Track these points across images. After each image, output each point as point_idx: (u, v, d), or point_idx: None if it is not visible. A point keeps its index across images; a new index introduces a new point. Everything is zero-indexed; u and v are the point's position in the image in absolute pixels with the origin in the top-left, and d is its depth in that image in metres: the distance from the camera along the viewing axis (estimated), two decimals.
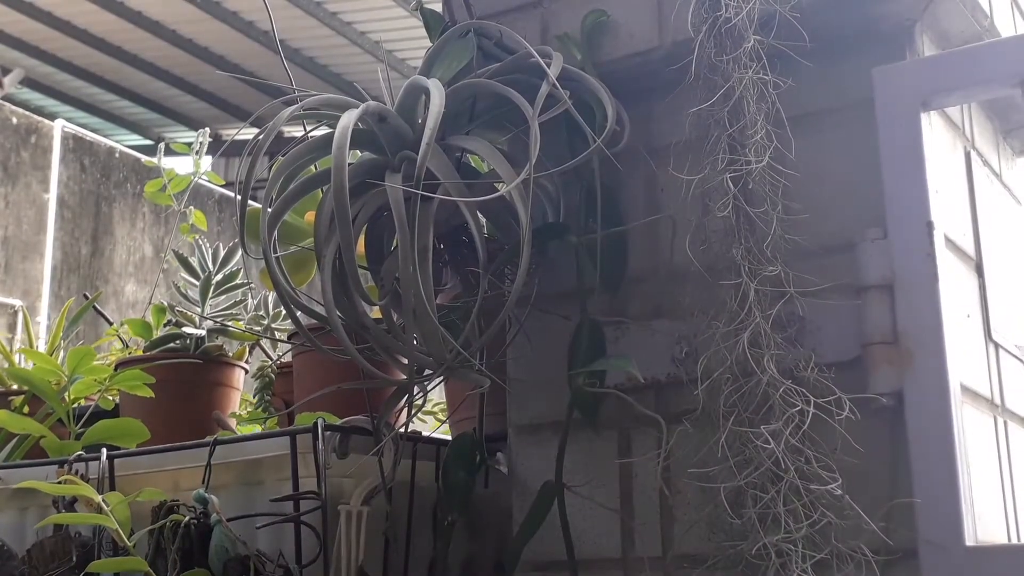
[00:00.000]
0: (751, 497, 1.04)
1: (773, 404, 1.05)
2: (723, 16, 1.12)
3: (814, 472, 1.03)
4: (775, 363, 1.07)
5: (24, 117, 6.62)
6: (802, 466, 1.03)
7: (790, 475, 1.03)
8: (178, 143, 2.46)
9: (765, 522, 1.03)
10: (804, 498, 1.02)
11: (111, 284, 6.87)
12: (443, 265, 1.27)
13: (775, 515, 1.02)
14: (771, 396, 1.05)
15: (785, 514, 1.02)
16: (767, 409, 1.05)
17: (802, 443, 1.04)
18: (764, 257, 1.09)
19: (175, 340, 1.77)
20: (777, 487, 1.03)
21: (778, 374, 1.06)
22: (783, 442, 1.03)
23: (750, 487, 1.04)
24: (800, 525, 1.02)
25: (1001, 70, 1.11)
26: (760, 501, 1.03)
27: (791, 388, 1.05)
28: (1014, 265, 1.34)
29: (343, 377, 1.41)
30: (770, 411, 1.05)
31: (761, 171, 1.10)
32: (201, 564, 1.25)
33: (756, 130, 1.10)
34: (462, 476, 1.30)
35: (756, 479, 1.04)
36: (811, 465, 1.04)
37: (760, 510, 1.03)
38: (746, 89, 1.10)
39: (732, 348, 1.08)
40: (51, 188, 6.60)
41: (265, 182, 1.22)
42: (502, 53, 1.27)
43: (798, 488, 1.03)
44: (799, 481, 1.03)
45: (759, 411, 1.05)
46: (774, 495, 1.03)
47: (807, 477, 1.03)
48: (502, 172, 1.14)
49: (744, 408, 1.07)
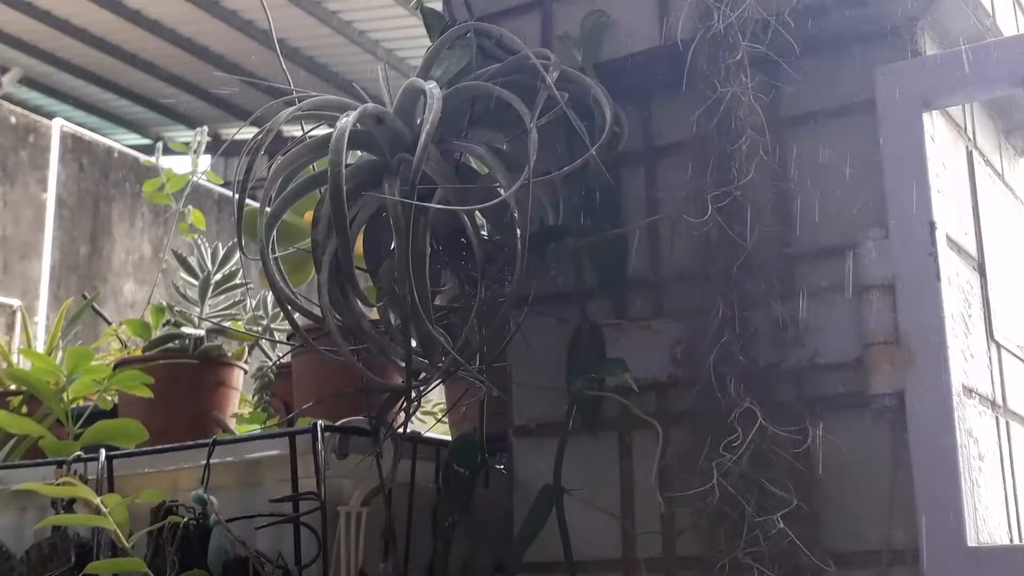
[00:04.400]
0: (720, 514, 1.06)
1: (735, 428, 1.06)
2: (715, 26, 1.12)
3: (772, 493, 1.04)
4: (743, 384, 1.07)
5: (22, 116, 6.62)
6: (763, 487, 1.04)
7: (753, 496, 1.04)
8: (177, 142, 2.46)
9: (735, 536, 1.04)
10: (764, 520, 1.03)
11: (110, 284, 6.87)
12: (441, 266, 1.26)
13: (741, 530, 1.04)
14: (732, 419, 1.06)
15: (748, 531, 1.04)
16: (730, 432, 1.06)
17: (758, 467, 1.05)
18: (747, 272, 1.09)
19: (174, 340, 1.76)
20: (738, 509, 1.04)
21: (744, 395, 1.06)
22: (742, 465, 1.04)
23: (723, 499, 1.05)
24: (769, 540, 1.03)
25: (1003, 69, 1.10)
26: (728, 518, 1.05)
27: (750, 411, 1.05)
28: (1016, 265, 1.34)
29: (342, 378, 1.40)
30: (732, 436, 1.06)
31: (750, 183, 1.10)
32: (200, 565, 1.25)
33: (742, 143, 1.10)
34: (463, 477, 1.29)
35: (719, 500, 1.05)
36: (769, 487, 1.04)
37: (728, 526, 1.05)
38: (734, 101, 1.11)
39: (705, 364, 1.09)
40: (49, 188, 6.59)
41: (264, 182, 1.21)
42: (502, 53, 1.26)
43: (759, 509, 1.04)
44: (757, 502, 1.04)
45: (723, 432, 1.06)
46: (740, 512, 1.04)
47: (768, 496, 1.04)
48: (501, 177, 1.14)
49: (713, 426, 1.07)
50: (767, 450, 1.05)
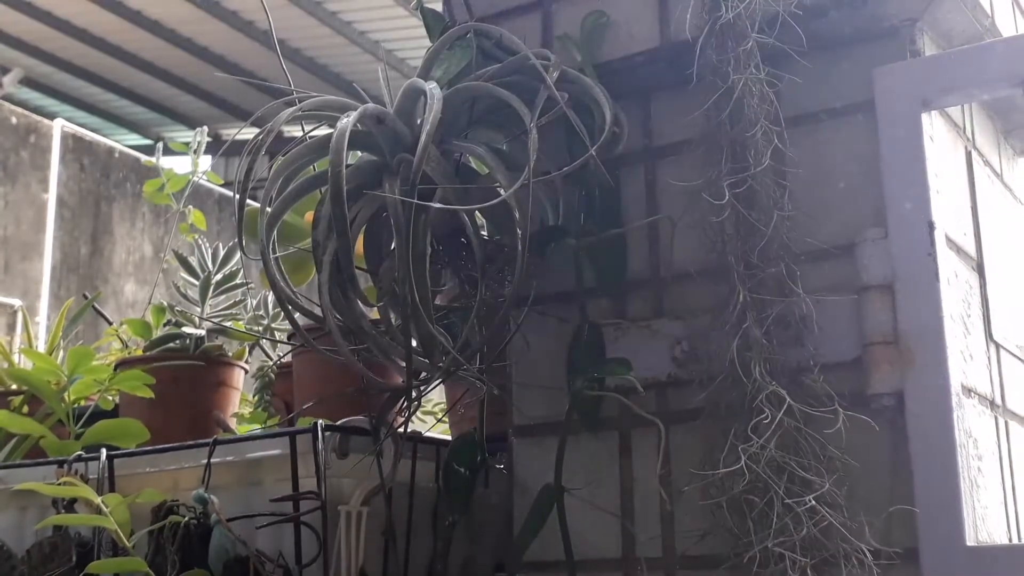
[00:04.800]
0: (745, 503, 1.04)
1: (762, 410, 1.05)
2: (724, 17, 1.12)
3: (802, 478, 1.03)
4: (766, 368, 1.07)
5: (23, 117, 6.62)
6: (793, 472, 1.03)
7: (783, 481, 1.03)
8: (177, 142, 2.46)
9: (763, 527, 1.03)
10: (795, 506, 1.02)
11: (111, 284, 6.87)
12: (442, 266, 1.26)
13: (770, 520, 1.02)
14: (759, 402, 1.05)
15: (778, 519, 1.02)
16: (757, 415, 1.05)
17: (786, 451, 1.04)
18: (764, 258, 1.09)
19: (175, 340, 1.76)
20: (768, 495, 1.03)
21: (768, 379, 1.06)
22: (770, 449, 1.03)
23: (744, 492, 1.04)
24: (800, 528, 1.01)
25: (1002, 70, 1.10)
26: (755, 507, 1.03)
27: (777, 393, 1.05)
28: (1015, 265, 1.34)
29: (343, 378, 1.41)
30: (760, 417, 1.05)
31: (763, 172, 1.10)
32: (201, 564, 1.25)
33: (757, 131, 1.10)
34: (463, 476, 1.29)
35: (747, 486, 1.04)
36: (799, 472, 1.03)
37: (756, 516, 1.03)
38: (746, 89, 1.10)
39: (726, 352, 1.08)
40: (50, 188, 6.59)
41: (265, 182, 1.22)
42: (502, 54, 1.27)
43: (788, 493, 1.03)
44: (787, 487, 1.03)
45: (750, 418, 1.05)
46: (770, 499, 1.03)
47: (796, 482, 1.03)
48: (500, 177, 1.14)
49: (736, 414, 1.07)
50: (795, 434, 1.04)
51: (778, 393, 1.05)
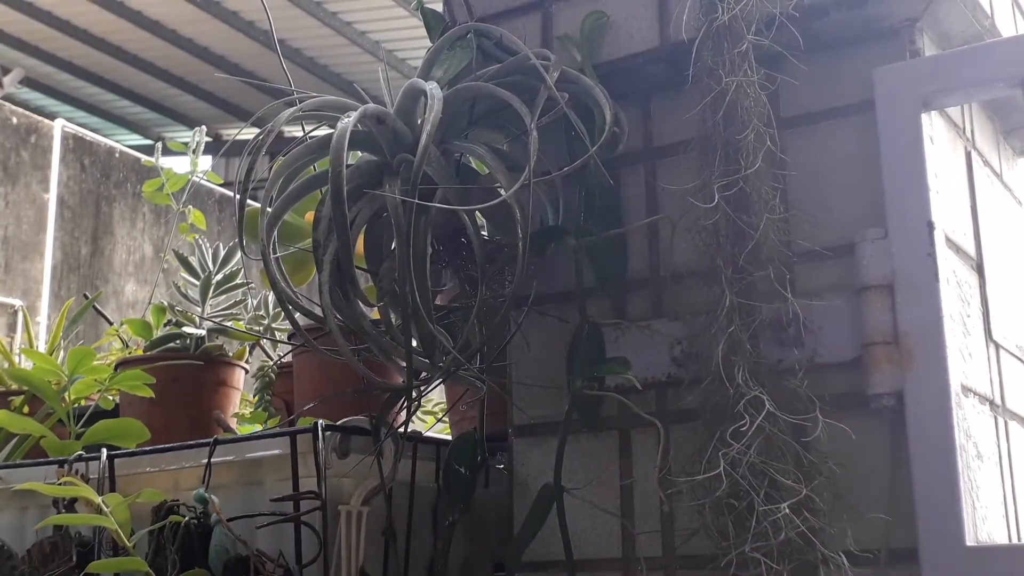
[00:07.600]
0: (726, 507, 1.05)
1: (743, 416, 1.05)
2: (719, 19, 1.12)
3: (783, 483, 1.04)
4: (750, 373, 1.07)
5: (24, 117, 6.62)
6: (773, 478, 1.04)
7: (763, 486, 1.03)
8: (177, 142, 2.46)
9: (741, 531, 1.03)
10: (773, 512, 1.02)
11: (111, 284, 6.87)
12: (442, 266, 1.27)
13: (749, 524, 1.03)
14: (740, 408, 1.05)
15: (756, 524, 1.02)
16: (738, 420, 1.05)
17: (768, 455, 1.04)
18: (754, 262, 1.09)
19: (175, 340, 1.77)
20: (748, 499, 1.03)
21: (752, 384, 1.06)
22: (750, 454, 1.03)
23: (726, 496, 1.04)
24: (779, 533, 1.02)
25: (1002, 70, 1.10)
26: (735, 511, 1.04)
27: (758, 398, 1.05)
28: (1014, 265, 1.34)
29: (343, 378, 1.41)
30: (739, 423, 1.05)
31: (755, 174, 1.10)
32: (201, 564, 1.25)
33: (749, 133, 1.10)
34: (463, 476, 1.30)
35: (728, 490, 1.04)
36: (779, 477, 1.04)
37: (735, 520, 1.04)
38: (740, 91, 1.10)
39: (713, 356, 1.08)
40: (51, 188, 6.59)
41: (265, 182, 1.22)
42: (502, 54, 1.27)
43: (768, 499, 1.03)
44: (767, 492, 1.03)
45: (732, 422, 1.05)
46: (750, 504, 1.03)
47: (777, 488, 1.04)
48: (501, 177, 1.14)
49: (720, 418, 1.07)
50: (775, 439, 1.05)
51: (760, 398, 1.05)
